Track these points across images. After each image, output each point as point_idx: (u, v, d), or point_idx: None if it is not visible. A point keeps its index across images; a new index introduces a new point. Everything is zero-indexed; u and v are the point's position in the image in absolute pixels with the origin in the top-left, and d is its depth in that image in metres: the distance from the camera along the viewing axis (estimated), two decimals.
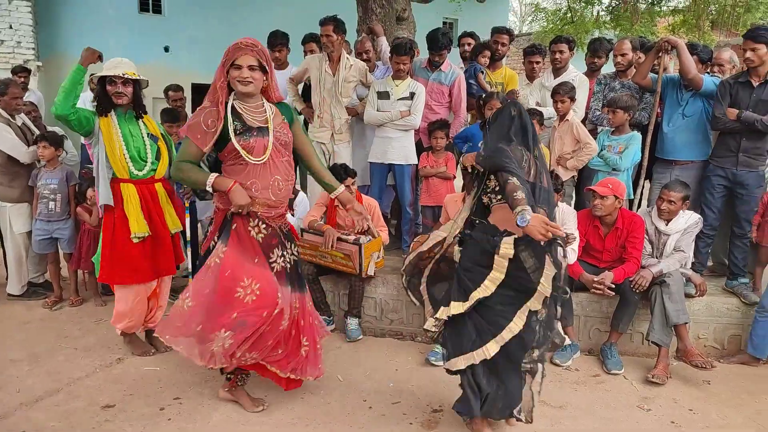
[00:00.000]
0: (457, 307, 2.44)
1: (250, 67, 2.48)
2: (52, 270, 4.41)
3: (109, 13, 10.17)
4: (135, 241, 3.20)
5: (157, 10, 11.06)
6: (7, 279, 4.43)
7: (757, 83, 3.56)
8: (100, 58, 3.29)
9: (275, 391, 3.03)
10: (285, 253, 2.72)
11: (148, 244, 3.28)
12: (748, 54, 3.51)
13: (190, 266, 4.08)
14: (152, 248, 3.31)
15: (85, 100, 6.89)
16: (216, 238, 2.63)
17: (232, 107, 2.54)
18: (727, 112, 3.60)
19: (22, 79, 5.89)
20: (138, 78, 3.25)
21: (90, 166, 5.64)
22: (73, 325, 3.98)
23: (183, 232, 3.76)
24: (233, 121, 2.52)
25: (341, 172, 3.84)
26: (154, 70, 9.46)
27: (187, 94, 5.31)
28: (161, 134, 3.43)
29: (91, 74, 7.46)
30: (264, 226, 2.62)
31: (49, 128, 4.79)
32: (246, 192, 2.51)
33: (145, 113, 3.37)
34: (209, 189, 2.52)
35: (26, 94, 5.70)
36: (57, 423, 2.71)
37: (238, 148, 2.49)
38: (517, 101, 2.56)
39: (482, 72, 4.77)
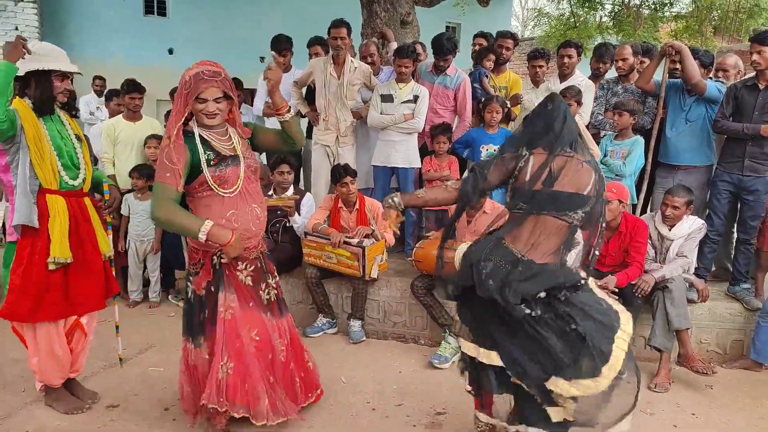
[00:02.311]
0: None
1: (216, 100, 2.39)
2: None
3: (114, 16, 10.23)
4: (52, 267, 2.60)
5: (162, 12, 11.12)
6: None
7: (764, 86, 3.57)
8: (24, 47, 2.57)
9: None
10: (266, 286, 2.66)
11: (71, 272, 2.68)
12: (755, 57, 3.52)
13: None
14: (78, 277, 2.70)
15: (89, 102, 6.95)
16: (210, 286, 2.52)
17: (200, 137, 2.42)
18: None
19: None
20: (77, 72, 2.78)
21: (96, 167, 5.71)
22: None
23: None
24: (205, 151, 2.41)
25: (341, 170, 3.89)
26: (158, 72, 9.53)
27: None
28: (84, 136, 2.88)
29: (95, 76, 7.40)
30: (249, 266, 2.57)
31: None
32: (240, 242, 2.41)
33: (76, 113, 2.90)
34: (202, 239, 2.31)
35: None
36: (61, 422, 2.72)
37: (209, 180, 2.38)
38: (557, 94, 2.30)
39: (487, 76, 4.79)
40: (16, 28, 8.96)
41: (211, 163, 2.40)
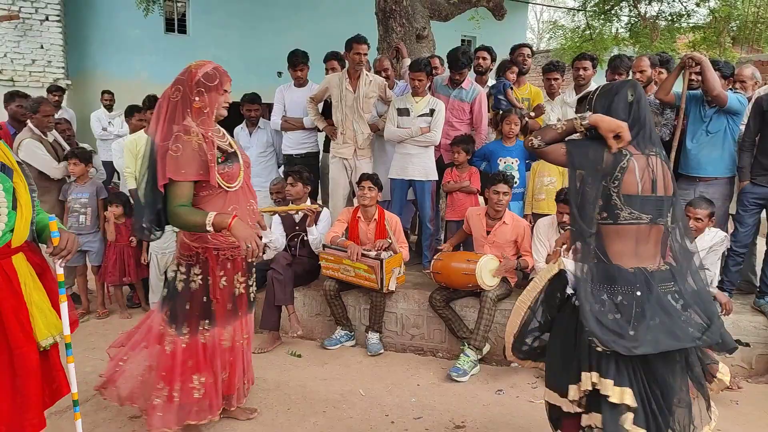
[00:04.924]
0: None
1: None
2: (80, 282, 4.51)
3: (136, 34, 10.45)
4: None
5: (182, 30, 11.35)
6: None
7: None
8: None
9: (295, 405, 3.06)
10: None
11: None
12: None
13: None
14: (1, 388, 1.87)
15: (100, 118, 7.08)
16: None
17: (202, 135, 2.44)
18: None
19: (56, 98, 6.10)
20: None
21: (117, 181, 5.83)
22: (100, 337, 4.05)
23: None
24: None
25: (364, 176, 4.03)
26: None
27: None
28: (15, 163, 1.99)
29: (103, 90, 7.49)
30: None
31: (80, 145, 4.94)
32: (244, 225, 2.38)
33: None
34: (209, 229, 2.33)
35: (59, 112, 5.90)
36: None
37: (218, 177, 2.41)
38: (636, 82, 2.09)
39: (511, 87, 4.82)
40: (42, 47, 9.21)
41: (219, 160, 2.45)
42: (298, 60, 5.04)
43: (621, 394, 1.85)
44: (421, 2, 6.16)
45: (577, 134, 2.04)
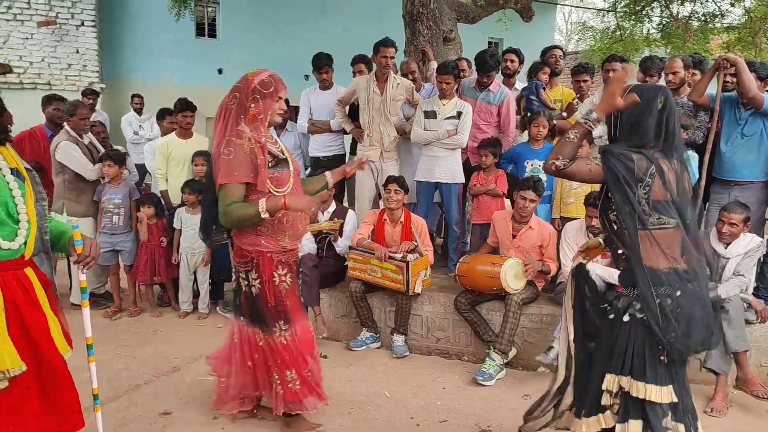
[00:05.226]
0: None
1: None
2: (113, 281, 4.62)
3: (168, 38, 10.68)
4: (2, 386, 1.76)
5: (212, 34, 11.56)
6: (71, 289, 4.67)
7: None
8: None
9: (321, 406, 3.08)
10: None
11: (23, 386, 1.83)
12: None
13: None
14: (32, 395, 1.87)
15: (131, 121, 7.23)
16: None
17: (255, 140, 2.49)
18: None
19: (91, 101, 6.27)
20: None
21: (149, 183, 5.96)
22: (131, 335, 4.15)
23: None
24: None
25: (390, 178, 4.05)
26: (208, 92, 9.85)
27: None
28: (25, 169, 1.95)
29: (133, 94, 7.65)
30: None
31: (114, 147, 5.07)
32: (299, 198, 2.47)
33: (8, 139, 1.91)
34: (265, 216, 2.39)
35: (94, 114, 6.06)
36: (117, 429, 2.82)
37: (267, 181, 2.46)
38: (667, 88, 2.07)
39: (543, 88, 4.78)
40: (77, 51, 9.49)
41: (270, 165, 2.50)
42: (322, 63, 5.09)
43: (669, 394, 1.94)
44: (448, 5, 6.15)
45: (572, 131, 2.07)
